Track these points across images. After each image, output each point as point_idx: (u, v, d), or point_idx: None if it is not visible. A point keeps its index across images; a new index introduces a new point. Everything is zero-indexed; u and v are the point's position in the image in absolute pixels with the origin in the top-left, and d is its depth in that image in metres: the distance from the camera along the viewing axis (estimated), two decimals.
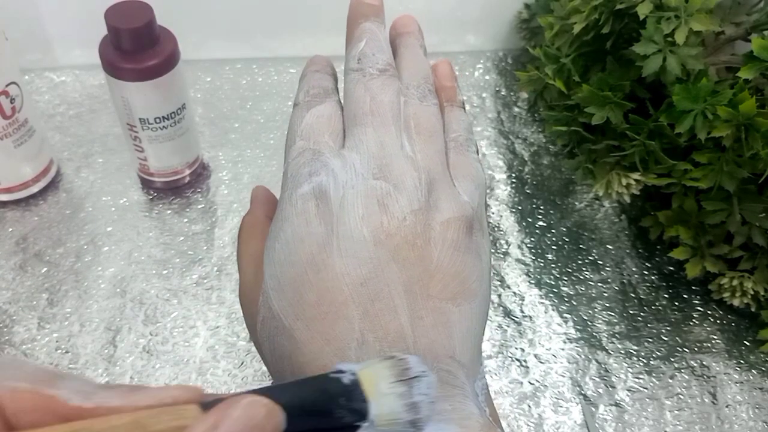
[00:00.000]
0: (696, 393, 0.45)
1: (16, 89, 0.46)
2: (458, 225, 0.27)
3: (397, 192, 0.27)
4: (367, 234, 0.25)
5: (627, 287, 0.50)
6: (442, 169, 0.28)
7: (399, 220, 0.26)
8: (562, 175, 0.56)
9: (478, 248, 0.27)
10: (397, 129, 0.29)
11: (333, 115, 0.30)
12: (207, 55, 0.61)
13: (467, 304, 0.26)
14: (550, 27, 0.49)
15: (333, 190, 0.27)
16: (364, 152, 0.28)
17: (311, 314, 0.25)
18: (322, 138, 0.29)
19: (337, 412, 0.21)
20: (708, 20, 0.41)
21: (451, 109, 0.32)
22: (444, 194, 0.28)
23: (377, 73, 0.30)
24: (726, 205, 0.44)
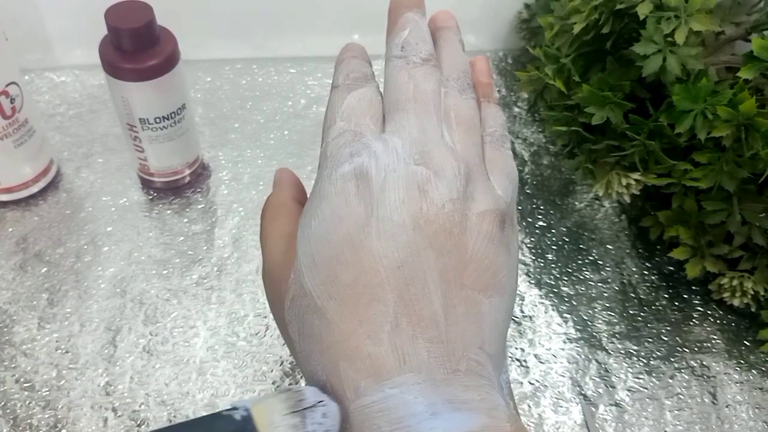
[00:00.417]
0: (696, 393, 0.45)
1: (16, 89, 0.46)
2: (493, 218, 0.27)
3: (438, 179, 0.27)
4: (407, 218, 0.26)
5: (627, 287, 0.50)
6: (479, 162, 0.29)
7: (438, 207, 0.26)
8: (562, 175, 0.56)
9: (508, 243, 0.28)
10: (438, 118, 0.29)
11: (374, 99, 0.30)
12: (207, 55, 0.61)
13: (497, 297, 0.26)
14: (550, 27, 0.49)
15: (375, 171, 0.27)
16: (406, 137, 0.28)
17: (345, 294, 0.25)
18: (363, 120, 0.29)
19: None
20: (708, 20, 0.41)
21: (488, 105, 0.32)
22: (480, 186, 0.28)
23: (421, 61, 0.30)
24: (726, 205, 0.44)
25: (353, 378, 0.24)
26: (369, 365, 0.24)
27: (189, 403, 0.42)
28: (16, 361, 0.43)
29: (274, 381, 0.43)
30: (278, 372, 0.43)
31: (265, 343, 0.45)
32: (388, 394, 0.24)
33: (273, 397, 0.23)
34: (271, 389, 0.43)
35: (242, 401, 0.23)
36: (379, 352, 0.24)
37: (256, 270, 0.48)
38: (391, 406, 0.24)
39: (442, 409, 0.23)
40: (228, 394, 0.42)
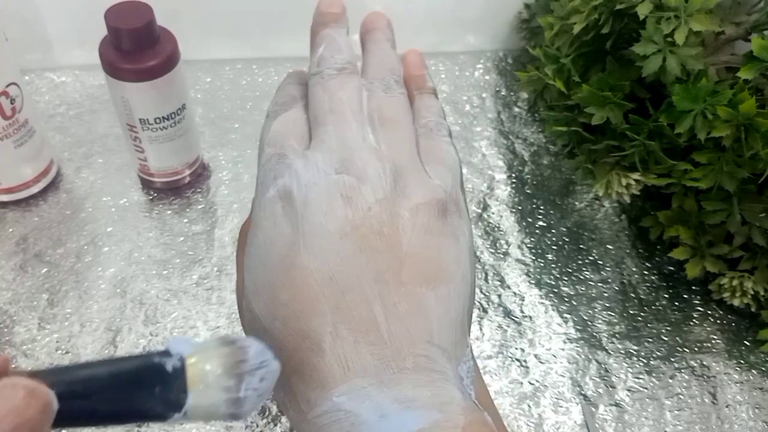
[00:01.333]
0: (696, 393, 0.45)
1: (17, 90, 0.46)
2: (428, 209, 0.27)
3: (361, 183, 0.27)
4: (332, 228, 0.26)
5: (627, 287, 0.50)
6: (410, 157, 0.29)
7: (363, 211, 0.26)
8: (562, 175, 0.56)
9: (454, 230, 0.28)
10: (358, 123, 0.29)
11: (298, 119, 0.30)
12: (207, 56, 0.61)
13: (444, 287, 0.26)
14: (550, 27, 0.49)
15: (296, 189, 0.27)
16: (325, 150, 0.28)
17: (286, 313, 0.25)
18: (287, 142, 0.29)
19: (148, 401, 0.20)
20: (708, 20, 0.41)
21: (421, 97, 0.32)
22: (413, 181, 0.28)
23: (335, 72, 0.31)
24: (726, 205, 0.44)
25: (303, 391, 0.25)
26: (315, 377, 0.25)
27: None
28: (16, 361, 0.43)
29: None
30: None
31: None
32: (337, 403, 0.24)
33: (213, 350, 0.22)
34: None
35: (178, 345, 0.21)
36: (323, 363, 0.24)
37: None
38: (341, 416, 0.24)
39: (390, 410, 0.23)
40: None
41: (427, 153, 0.29)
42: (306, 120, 0.30)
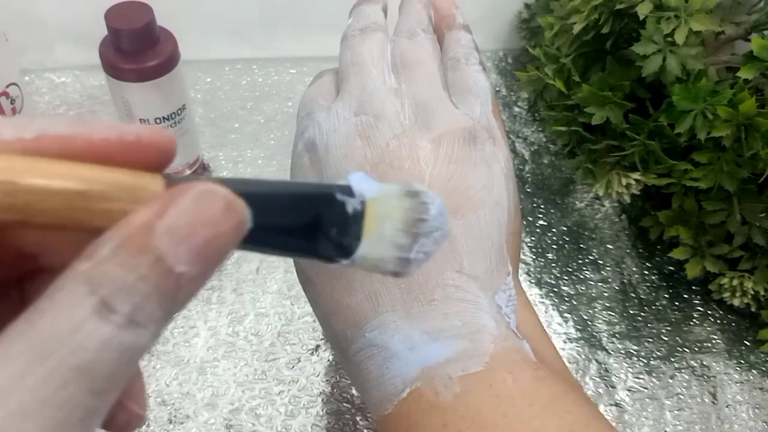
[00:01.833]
0: (696, 393, 0.45)
1: (17, 90, 0.46)
2: (452, 138, 0.27)
3: (377, 121, 0.27)
4: (352, 169, 0.26)
5: (627, 287, 0.50)
6: (432, 91, 0.29)
7: (382, 148, 0.27)
8: (562, 174, 0.56)
9: (485, 157, 0.27)
10: (378, 70, 0.30)
11: (327, 82, 0.32)
12: (207, 56, 0.61)
13: (472, 215, 0.26)
14: (550, 27, 0.49)
15: (318, 138, 0.28)
16: (346, 98, 0.29)
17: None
18: (315, 102, 0.30)
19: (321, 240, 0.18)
20: (708, 20, 0.41)
21: (450, 32, 0.32)
22: (436, 113, 0.28)
23: (358, 32, 0.31)
24: (726, 205, 0.44)
25: (342, 330, 0.26)
26: (350, 315, 0.25)
27: (189, 403, 0.42)
28: None
29: (275, 379, 0.43)
30: (279, 371, 0.43)
31: (265, 342, 0.45)
32: (369, 339, 0.25)
33: (395, 199, 0.19)
34: (272, 388, 0.43)
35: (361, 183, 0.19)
36: (355, 301, 0.25)
37: (256, 270, 0.48)
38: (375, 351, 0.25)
39: (419, 341, 0.24)
40: (228, 393, 0.42)
41: (454, 84, 0.30)
42: (334, 81, 0.31)
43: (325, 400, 0.43)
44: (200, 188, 0.15)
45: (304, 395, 0.43)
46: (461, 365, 0.24)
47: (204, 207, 0.15)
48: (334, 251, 0.18)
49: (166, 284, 0.14)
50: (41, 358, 0.13)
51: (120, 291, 0.14)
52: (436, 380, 0.24)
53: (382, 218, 0.19)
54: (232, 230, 0.15)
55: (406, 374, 0.24)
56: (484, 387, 0.23)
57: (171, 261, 0.14)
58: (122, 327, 0.14)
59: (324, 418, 0.42)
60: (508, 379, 0.23)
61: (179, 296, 0.15)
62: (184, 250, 0.14)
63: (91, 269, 0.14)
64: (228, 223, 0.15)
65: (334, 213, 0.18)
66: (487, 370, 0.24)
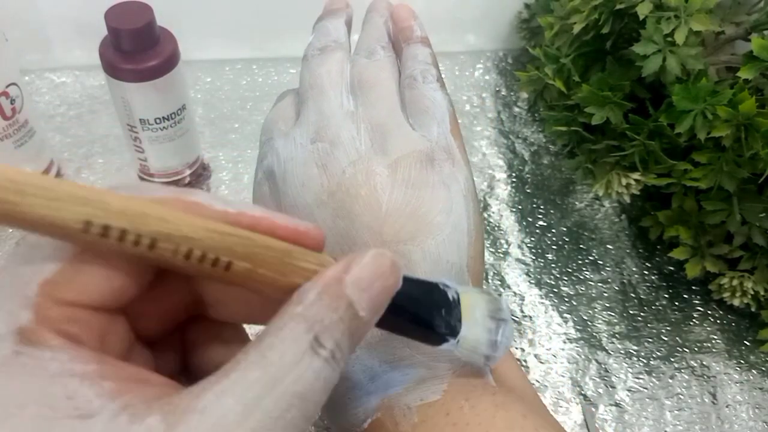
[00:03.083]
0: (696, 393, 0.45)
1: (17, 90, 0.46)
2: (408, 162, 0.27)
3: (334, 148, 0.27)
4: (309, 199, 0.26)
5: (627, 287, 0.50)
6: (389, 113, 0.28)
7: (338, 176, 0.26)
8: (562, 174, 0.56)
9: (443, 179, 0.27)
10: (336, 92, 0.29)
11: (288, 105, 0.31)
12: (207, 56, 0.61)
13: (430, 240, 0.25)
14: (550, 27, 0.49)
15: (276, 166, 0.27)
16: (304, 124, 0.28)
17: None
18: (275, 126, 0.30)
19: (436, 319, 0.21)
20: (708, 20, 0.41)
21: (408, 47, 0.31)
22: (392, 136, 0.27)
23: (318, 52, 0.31)
24: (726, 205, 0.44)
25: None
26: None
27: None
28: None
29: None
30: None
31: None
32: None
33: (478, 294, 0.23)
34: None
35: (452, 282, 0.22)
36: None
37: None
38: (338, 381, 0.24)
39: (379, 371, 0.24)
40: None
41: (411, 104, 0.29)
42: (294, 103, 0.31)
43: None
44: (374, 251, 0.19)
45: None
46: (419, 394, 0.23)
47: (379, 264, 0.19)
48: (446, 329, 0.21)
49: (354, 326, 0.18)
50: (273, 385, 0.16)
51: (327, 329, 0.17)
52: (396, 410, 0.23)
53: (472, 307, 0.22)
54: (394, 284, 0.19)
55: (367, 404, 0.24)
56: (441, 416, 0.23)
57: (357, 306, 0.18)
58: (327, 361, 0.17)
59: (324, 417, 0.42)
60: (465, 407, 0.23)
61: (357, 339, 0.18)
62: (366, 298, 0.18)
63: (305, 310, 0.17)
64: (393, 278, 0.19)
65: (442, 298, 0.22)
66: (444, 399, 0.23)
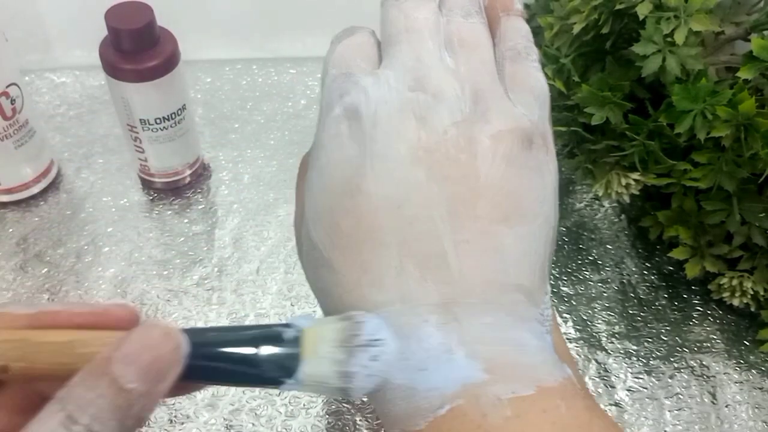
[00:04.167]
0: (695, 393, 0.45)
1: (17, 90, 0.46)
2: (512, 138, 0.24)
3: (437, 102, 0.24)
4: (404, 151, 0.23)
5: (627, 287, 0.50)
6: (491, 80, 0.26)
7: (439, 134, 0.24)
8: (561, 174, 0.56)
9: (539, 165, 0.25)
10: (435, 44, 0.26)
11: (365, 42, 0.28)
12: (207, 56, 0.61)
13: (524, 227, 0.24)
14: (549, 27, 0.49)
15: (365, 107, 0.24)
16: (398, 67, 0.25)
17: (347, 243, 0.23)
18: (354, 62, 0.27)
19: (265, 365, 0.21)
20: (707, 20, 0.41)
21: (508, 18, 0.29)
22: (495, 106, 0.25)
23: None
24: (725, 205, 0.44)
25: None
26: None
27: (190, 404, 0.42)
28: None
29: None
30: None
31: None
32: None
33: (330, 324, 0.22)
34: (272, 388, 0.43)
35: (300, 321, 0.22)
36: (385, 300, 0.22)
37: (256, 270, 0.48)
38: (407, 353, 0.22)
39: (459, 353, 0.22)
40: (228, 394, 0.42)
41: (513, 78, 0.26)
42: (374, 44, 0.28)
43: (325, 400, 0.43)
44: (145, 324, 0.21)
45: (304, 395, 0.43)
46: (510, 386, 0.21)
47: (146, 336, 0.20)
48: (278, 372, 0.21)
49: (119, 399, 0.19)
50: None
51: (81, 406, 0.19)
52: (483, 400, 0.21)
53: (317, 341, 0.22)
54: (170, 352, 0.20)
55: (444, 388, 0.21)
56: (537, 412, 0.21)
57: (122, 380, 0.19)
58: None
59: (324, 418, 0.42)
60: (562, 407, 0.21)
61: (133, 410, 0.19)
62: (133, 371, 0.19)
63: (66, 393, 0.19)
64: (166, 346, 0.20)
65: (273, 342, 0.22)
66: (538, 395, 0.21)
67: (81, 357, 0.20)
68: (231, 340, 0.22)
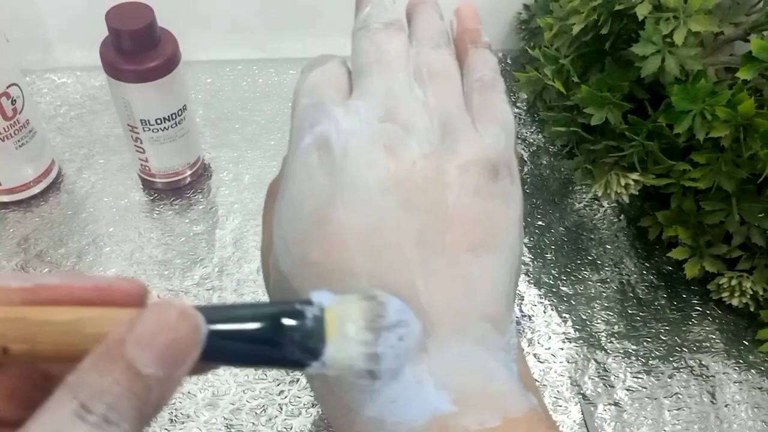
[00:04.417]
0: (695, 392, 0.45)
1: (17, 90, 0.46)
2: (478, 168, 0.25)
3: (406, 134, 0.25)
4: (373, 182, 0.24)
5: (626, 287, 0.50)
6: (459, 111, 0.26)
7: (408, 165, 0.24)
8: (561, 175, 0.56)
9: (504, 195, 0.25)
10: (405, 76, 0.27)
11: (336, 72, 0.28)
12: (207, 57, 0.61)
13: (491, 256, 0.24)
14: (549, 28, 0.49)
15: (335, 138, 0.25)
16: (369, 98, 0.26)
17: (317, 272, 0.23)
18: (325, 92, 0.27)
19: (288, 346, 0.20)
20: (707, 21, 0.41)
21: (476, 50, 0.29)
22: (462, 136, 0.25)
23: (382, 26, 0.29)
24: (725, 205, 0.44)
25: None
26: None
27: (190, 403, 0.42)
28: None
29: (275, 379, 0.43)
30: (279, 372, 0.44)
31: None
32: None
33: (353, 303, 0.21)
34: (273, 388, 0.43)
35: (320, 296, 0.21)
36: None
37: (257, 270, 0.48)
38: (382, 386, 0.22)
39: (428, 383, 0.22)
40: (228, 393, 0.42)
41: (479, 109, 0.27)
42: (345, 73, 0.28)
43: None
44: (159, 303, 0.19)
45: (304, 395, 0.43)
46: (478, 417, 0.21)
47: (162, 315, 0.18)
48: (302, 355, 0.20)
49: (136, 386, 0.17)
50: None
51: (95, 393, 0.17)
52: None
53: (342, 321, 0.20)
54: (188, 334, 0.19)
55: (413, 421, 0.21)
56: None
57: (139, 364, 0.17)
58: (97, 426, 0.17)
59: (324, 418, 0.42)
60: None
61: (151, 396, 0.18)
62: (149, 354, 0.18)
63: (76, 378, 0.17)
64: (184, 328, 0.18)
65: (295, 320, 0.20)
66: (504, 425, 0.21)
67: (90, 338, 0.18)
68: (250, 317, 0.20)
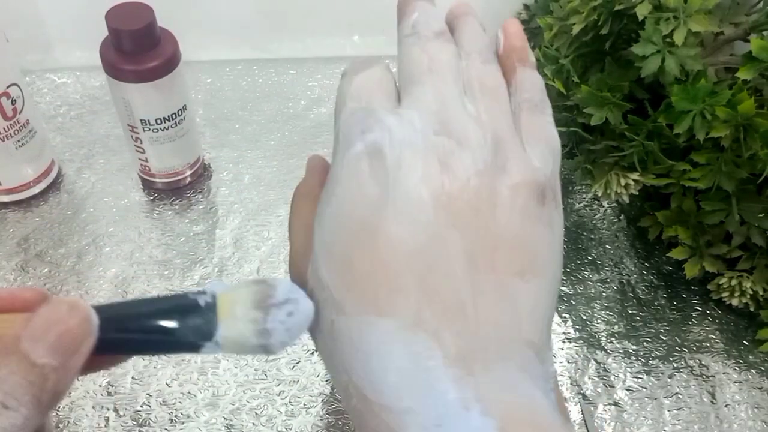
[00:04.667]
0: (695, 392, 0.45)
1: (17, 90, 0.46)
2: (529, 191, 0.24)
3: (461, 149, 0.24)
4: (426, 196, 0.23)
5: (626, 287, 0.50)
6: (510, 131, 0.26)
7: (463, 182, 0.23)
8: (561, 175, 0.56)
9: (550, 220, 0.25)
10: (457, 88, 0.26)
11: (384, 77, 0.28)
12: (208, 57, 0.61)
13: (537, 280, 0.23)
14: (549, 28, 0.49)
15: (389, 147, 0.24)
16: (423, 109, 0.25)
17: (362, 285, 0.23)
18: (374, 97, 0.26)
19: (180, 330, 0.22)
20: (707, 21, 0.41)
21: (524, 69, 0.29)
22: (513, 156, 0.25)
23: (433, 35, 0.28)
24: (725, 205, 0.44)
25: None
26: None
27: (190, 403, 0.42)
28: None
29: (275, 379, 0.43)
30: (279, 372, 0.44)
31: None
32: None
33: (243, 288, 0.23)
34: (273, 388, 0.43)
35: (213, 287, 0.23)
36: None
37: (257, 270, 0.48)
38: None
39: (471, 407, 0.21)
40: (228, 393, 0.42)
41: (528, 130, 0.26)
42: (392, 79, 0.28)
43: (325, 400, 0.43)
44: (53, 300, 0.21)
45: (304, 395, 0.43)
46: None
47: (53, 311, 0.21)
48: (195, 337, 0.22)
49: (31, 375, 0.20)
50: None
51: None
52: None
53: (233, 304, 0.23)
54: (78, 325, 0.21)
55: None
56: None
57: (33, 356, 0.20)
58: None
59: (324, 418, 0.42)
60: None
61: (47, 384, 0.20)
62: (42, 346, 0.20)
63: None
64: (73, 320, 0.21)
65: (188, 307, 0.22)
66: None
67: None
68: (145, 310, 0.22)
